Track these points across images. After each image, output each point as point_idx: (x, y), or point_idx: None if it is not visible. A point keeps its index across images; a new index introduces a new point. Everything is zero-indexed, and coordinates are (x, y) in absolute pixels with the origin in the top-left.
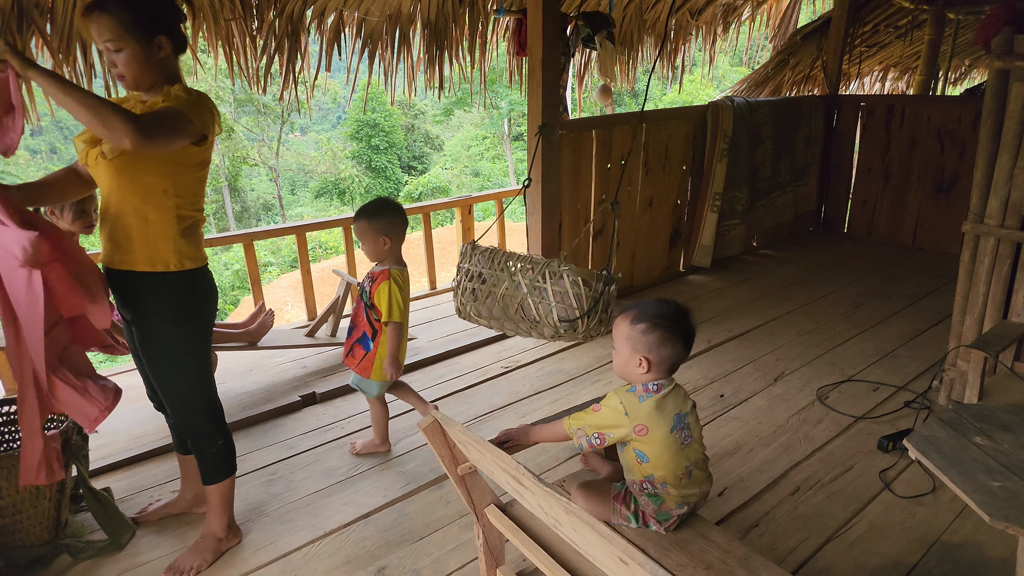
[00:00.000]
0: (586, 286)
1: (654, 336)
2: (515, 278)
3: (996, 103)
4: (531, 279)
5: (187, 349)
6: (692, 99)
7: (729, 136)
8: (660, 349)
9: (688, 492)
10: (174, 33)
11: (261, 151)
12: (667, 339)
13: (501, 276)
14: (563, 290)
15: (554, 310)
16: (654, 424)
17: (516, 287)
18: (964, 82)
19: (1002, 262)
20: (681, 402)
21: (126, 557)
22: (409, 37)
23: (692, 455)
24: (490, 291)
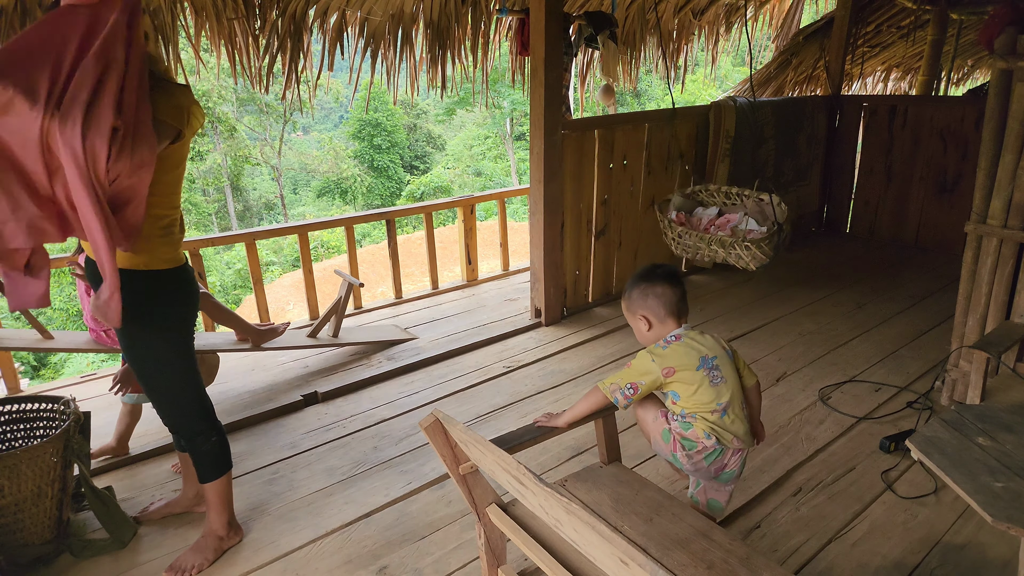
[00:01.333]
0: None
1: (636, 294)
2: (712, 247)
3: (999, 103)
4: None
5: (167, 349)
6: (695, 99)
7: (732, 136)
8: (647, 301)
9: (720, 428)
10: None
11: (263, 150)
12: (647, 290)
13: (700, 245)
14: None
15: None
16: (680, 364)
17: (715, 252)
18: (967, 82)
19: (1005, 263)
20: (708, 347)
21: (128, 556)
22: (411, 36)
23: (724, 394)
24: (696, 251)
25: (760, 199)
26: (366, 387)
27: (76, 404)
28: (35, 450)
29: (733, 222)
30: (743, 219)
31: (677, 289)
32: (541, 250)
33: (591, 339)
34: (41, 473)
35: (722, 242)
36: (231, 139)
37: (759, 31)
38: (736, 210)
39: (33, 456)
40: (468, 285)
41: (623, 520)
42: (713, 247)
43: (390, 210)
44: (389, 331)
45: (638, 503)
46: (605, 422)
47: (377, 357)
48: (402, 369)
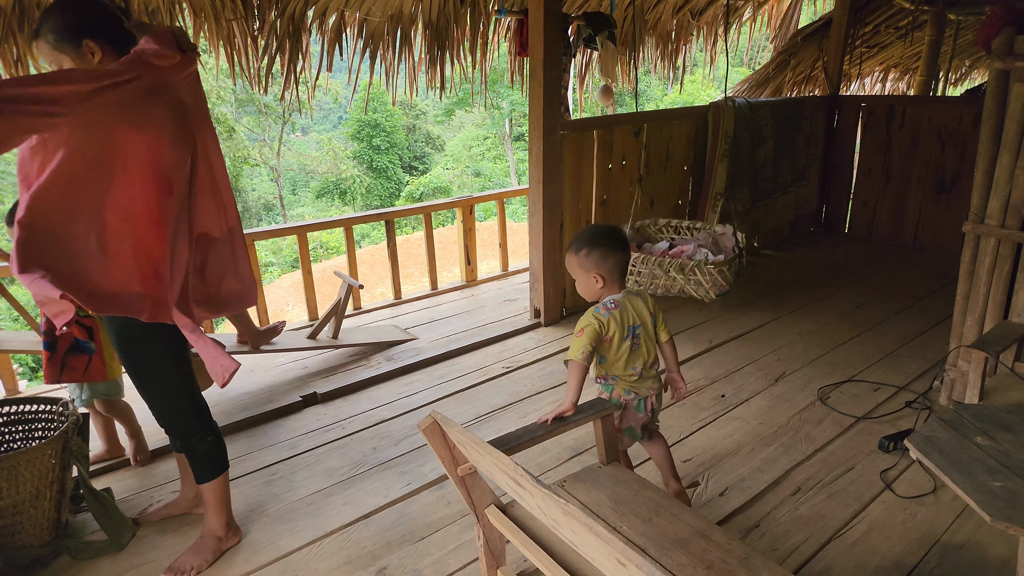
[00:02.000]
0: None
1: (597, 254)
2: (669, 274)
3: (997, 104)
4: (684, 275)
5: (160, 349)
6: (693, 99)
7: (730, 136)
8: (605, 262)
9: (636, 385)
10: (105, 35)
11: (262, 151)
12: (607, 252)
13: (657, 272)
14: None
15: (710, 291)
16: (615, 334)
17: (673, 280)
18: (965, 83)
19: (1003, 262)
20: (638, 314)
21: (126, 557)
22: (410, 37)
23: (639, 359)
24: (651, 281)
25: (715, 231)
26: (365, 388)
27: (75, 406)
28: (33, 452)
29: (687, 252)
30: (696, 250)
31: (629, 256)
32: (540, 250)
33: None
34: (39, 475)
35: (681, 267)
36: (230, 140)
37: (757, 31)
38: (687, 243)
39: (31, 458)
40: (467, 286)
41: (622, 520)
42: (671, 274)
43: (389, 211)
44: (388, 332)
45: (637, 503)
46: (604, 423)
47: (376, 358)
48: (401, 370)
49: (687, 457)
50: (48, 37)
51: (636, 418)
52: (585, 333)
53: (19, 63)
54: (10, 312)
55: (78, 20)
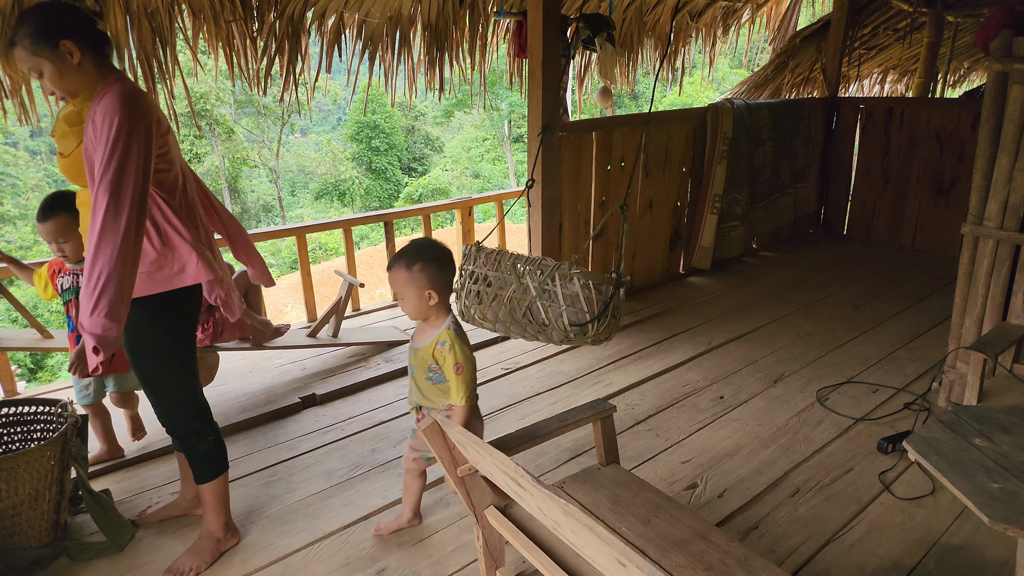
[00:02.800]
0: (596, 290)
1: (432, 269)
2: (523, 280)
3: (995, 105)
4: (540, 282)
5: (169, 345)
6: (692, 101)
7: (729, 138)
8: (439, 278)
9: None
10: (81, 35)
11: (261, 152)
12: (443, 270)
13: (508, 279)
14: (573, 293)
15: (564, 314)
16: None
17: (524, 290)
18: (963, 84)
19: (1001, 264)
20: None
21: (125, 559)
22: (409, 39)
23: None
24: (496, 294)
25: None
26: (364, 389)
27: (73, 407)
28: (32, 453)
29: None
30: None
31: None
32: (539, 252)
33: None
34: (38, 476)
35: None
36: (229, 141)
37: (756, 33)
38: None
39: (30, 459)
40: None
41: (621, 522)
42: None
43: (388, 212)
44: (388, 333)
45: (636, 505)
46: (604, 424)
47: (375, 359)
48: (400, 371)
49: (686, 458)
50: (24, 43)
51: None
52: (466, 369)
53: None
54: (8, 313)
55: (52, 22)
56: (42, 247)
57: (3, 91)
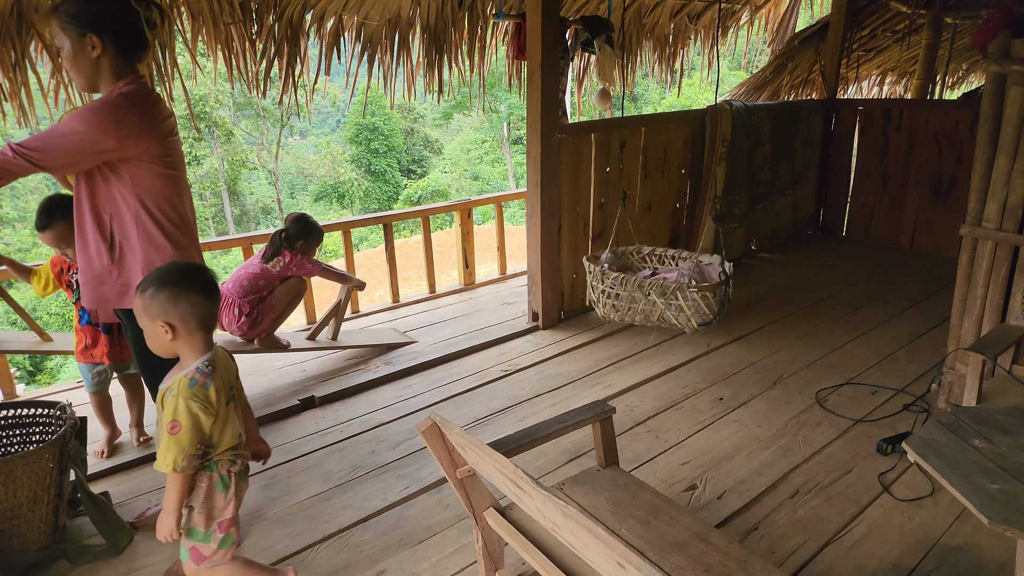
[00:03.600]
0: (713, 294)
1: (164, 295)
2: (649, 297)
3: (993, 107)
4: (665, 299)
5: None
6: (691, 103)
7: (728, 140)
8: (177, 308)
9: (240, 451)
10: (112, 34)
11: (260, 155)
12: (179, 296)
13: (636, 296)
14: (694, 302)
15: (692, 319)
16: (219, 404)
17: (653, 304)
18: (961, 86)
19: (1000, 265)
20: (230, 372)
21: (124, 562)
22: (408, 41)
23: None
24: (629, 306)
25: (700, 260)
26: (363, 391)
27: (72, 409)
28: (31, 455)
29: (671, 280)
30: (681, 277)
31: (216, 300)
32: (538, 254)
33: (588, 342)
34: (37, 479)
35: (663, 291)
36: (228, 143)
37: (755, 35)
38: (670, 271)
39: (29, 461)
40: (465, 289)
41: (621, 523)
42: (651, 297)
43: (387, 214)
44: (387, 335)
45: (636, 506)
46: (603, 425)
47: (374, 361)
48: (399, 373)
49: (685, 460)
50: (61, 17)
51: (243, 492)
52: (185, 430)
53: (17, 67)
54: (8, 316)
55: (89, 12)
56: (41, 249)
57: (2, 94)
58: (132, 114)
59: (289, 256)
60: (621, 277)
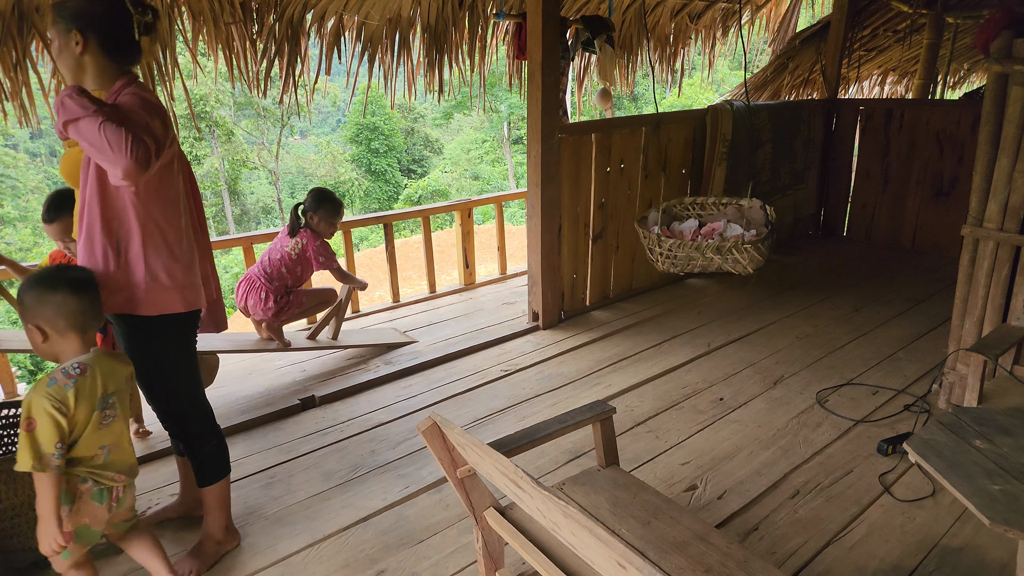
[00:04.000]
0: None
1: (30, 299)
2: (707, 256)
3: (995, 107)
4: (722, 256)
5: (172, 360)
6: (691, 103)
7: (728, 140)
8: (43, 309)
9: (99, 471)
10: (98, 34)
11: (261, 154)
12: (43, 296)
13: (694, 255)
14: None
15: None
16: (84, 408)
17: (710, 260)
18: (963, 86)
19: (1001, 265)
20: (113, 380)
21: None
22: (409, 41)
23: (109, 436)
24: (688, 263)
25: (740, 205)
26: (363, 391)
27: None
28: None
29: (718, 230)
30: (727, 226)
31: (83, 297)
32: (538, 254)
33: (589, 342)
34: None
35: (718, 249)
36: (228, 143)
37: (755, 35)
38: (716, 219)
39: None
40: (466, 289)
41: (621, 523)
42: (708, 255)
43: (387, 214)
44: (387, 335)
45: (636, 506)
46: (603, 425)
47: (374, 361)
48: (400, 373)
49: (685, 460)
50: (54, 10)
51: (95, 512)
52: (40, 428)
53: (18, 67)
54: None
55: (79, 9)
56: (42, 249)
57: (3, 93)
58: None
59: (307, 239)
60: (678, 243)
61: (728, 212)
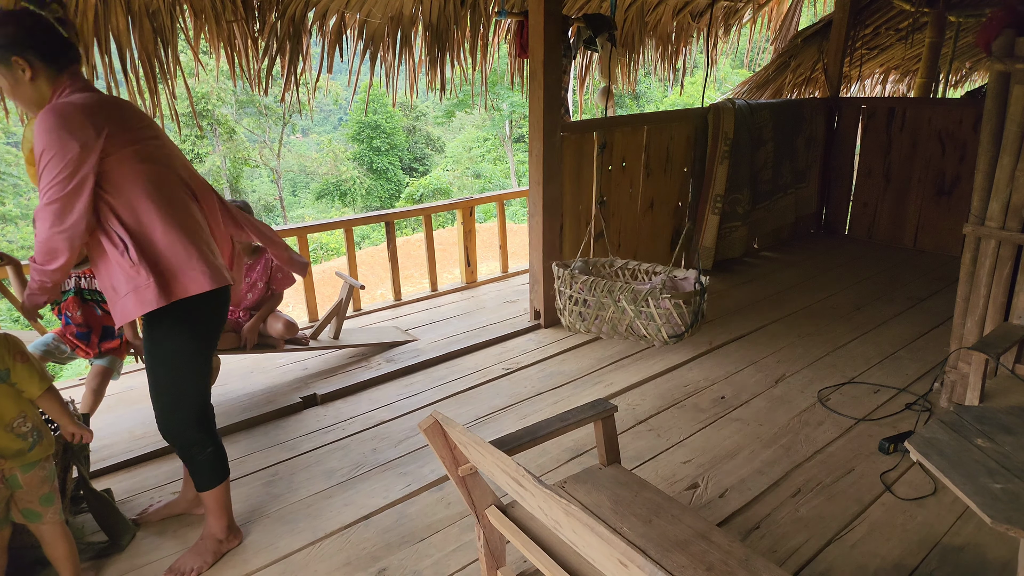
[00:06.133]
0: (686, 304)
1: None
2: (619, 304)
3: (997, 106)
4: (636, 306)
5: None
6: (693, 101)
7: (730, 138)
8: None
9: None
10: (36, 50)
11: (262, 152)
12: None
13: (605, 302)
14: (667, 310)
15: (662, 330)
16: None
17: (622, 311)
18: (965, 85)
19: (1003, 264)
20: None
21: (127, 558)
22: (411, 39)
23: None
24: (597, 314)
25: (674, 276)
26: (365, 389)
27: (75, 406)
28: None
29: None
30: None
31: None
32: (540, 252)
33: (590, 341)
34: None
35: (634, 296)
36: (230, 141)
37: (758, 33)
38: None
39: None
40: (467, 287)
41: (622, 522)
42: (621, 304)
43: (389, 212)
44: (389, 333)
45: (637, 505)
46: (605, 424)
47: (376, 359)
48: (401, 371)
49: (687, 458)
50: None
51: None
52: None
53: None
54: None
55: (10, 37)
56: None
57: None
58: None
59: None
60: (591, 280)
61: (656, 280)
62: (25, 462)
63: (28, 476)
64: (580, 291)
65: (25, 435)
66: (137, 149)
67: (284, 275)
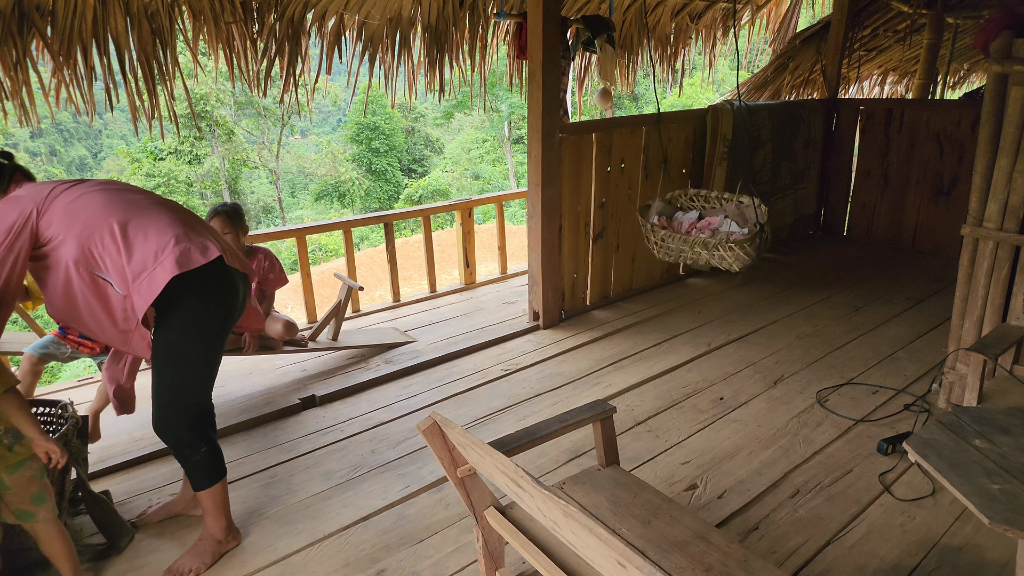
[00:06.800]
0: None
1: None
2: (695, 249)
3: (995, 107)
4: (709, 251)
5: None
6: (692, 102)
7: (729, 139)
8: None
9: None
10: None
11: (261, 154)
12: None
13: (683, 248)
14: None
15: (734, 265)
16: None
17: (699, 255)
18: (963, 86)
19: (1001, 265)
20: None
21: (125, 560)
22: (410, 40)
23: None
24: (679, 255)
25: (740, 202)
26: (364, 390)
27: (74, 408)
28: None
29: (714, 224)
30: (723, 221)
31: None
32: (539, 253)
33: (589, 342)
34: None
35: (705, 244)
36: (229, 142)
37: (756, 35)
38: (716, 213)
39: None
40: (466, 288)
41: (621, 523)
42: (696, 249)
43: (388, 213)
44: (388, 334)
45: (636, 506)
46: (603, 425)
47: (375, 360)
48: (400, 372)
49: (685, 459)
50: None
51: None
52: None
53: (19, 66)
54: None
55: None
56: None
57: (3, 92)
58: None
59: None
60: (669, 234)
61: (728, 208)
62: (8, 464)
63: (15, 477)
64: (661, 240)
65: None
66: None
67: (276, 276)
